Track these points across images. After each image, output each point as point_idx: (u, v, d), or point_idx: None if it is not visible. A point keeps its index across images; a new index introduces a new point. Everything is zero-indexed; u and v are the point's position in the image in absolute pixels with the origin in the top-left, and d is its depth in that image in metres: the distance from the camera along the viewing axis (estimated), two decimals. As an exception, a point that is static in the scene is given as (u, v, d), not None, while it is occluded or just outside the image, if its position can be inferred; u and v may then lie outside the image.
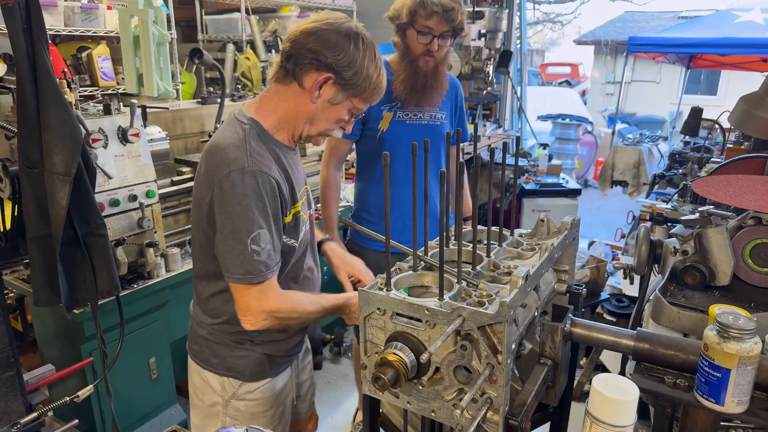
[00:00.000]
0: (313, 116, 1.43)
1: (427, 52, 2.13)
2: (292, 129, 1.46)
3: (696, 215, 1.58)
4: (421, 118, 2.29)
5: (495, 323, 0.90)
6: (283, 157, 1.44)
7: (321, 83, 1.37)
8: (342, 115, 1.44)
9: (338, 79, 1.36)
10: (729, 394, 0.96)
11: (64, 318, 2.11)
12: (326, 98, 1.39)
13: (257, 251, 1.31)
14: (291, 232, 1.45)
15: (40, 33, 1.52)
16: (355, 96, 1.40)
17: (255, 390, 1.58)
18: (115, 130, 2.20)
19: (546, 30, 22.44)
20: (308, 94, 1.38)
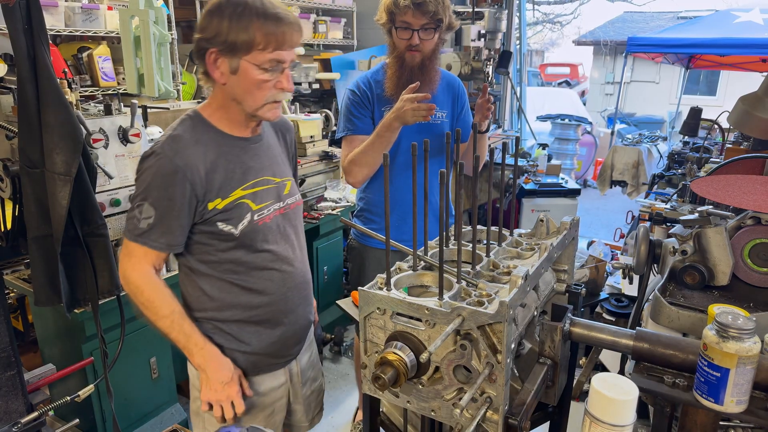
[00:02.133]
0: (234, 94, 1.43)
1: (410, 46, 2.13)
2: (233, 116, 1.48)
3: (695, 215, 1.59)
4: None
5: (494, 323, 0.90)
6: (224, 146, 1.47)
7: (213, 62, 1.39)
8: (255, 77, 1.38)
9: (219, 48, 1.37)
10: (728, 393, 0.96)
11: (65, 317, 2.12)
12: (227, 72, 1.39)
13: (137, 217, 1.40)
14: (226, 218, 1.45)
15: (41, 33, 1.53)
16: (247, 52, 1.36)
17: None
18: (116, 130, 2.21)
19: (545, 30, 22.44)
20: (215, 78, 1.42)
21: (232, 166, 1.47)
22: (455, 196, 1.08)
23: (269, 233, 1.54)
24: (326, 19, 4.93)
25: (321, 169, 3.70)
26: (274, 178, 1.57)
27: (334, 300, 2.87)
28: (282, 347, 1.62)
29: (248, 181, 1.50)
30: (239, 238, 1.48)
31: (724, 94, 13.14)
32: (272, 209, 1.55)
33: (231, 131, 1.50)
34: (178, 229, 1.42)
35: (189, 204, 1.41)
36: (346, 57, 4.90)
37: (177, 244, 1.45)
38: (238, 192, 1.47)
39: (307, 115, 3.76)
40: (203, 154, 1.42)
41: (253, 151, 1.53)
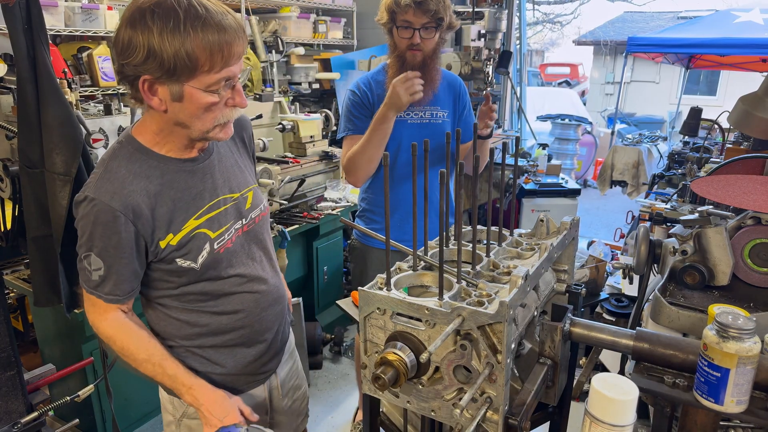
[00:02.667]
0: (179, 121, 1.23)
1: (411, 45, 2.13)
2: (177, 141, 1.29)
3: (695, 215, 1.59)
4: (422, 118, 2.28)
5: (494, 323, 0.90)
6: (168, 174, 1.29)
7: (147, 90, 1.17)
8: (203, 101, 1.18)
9: (155, 76, 1.14)
10: (728, 393, 0.96)
11: (65, 318, 2.12)
12: (168, 99, 1.18)
13: (87, 269, 1.27)
14: (183, 253, 1.31)
15: (41, 33, 1.53)
16: (190, 77, 1.15)
17: None
18: (116, 130, 2.21)
19: (545, 30, 22.46)
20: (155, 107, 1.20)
21: (180, 195, 1.30)
22: (455, 196, 1.08)
23: (233, 257, 1.40)
24: (326, 19, 4.93)
25: (321, 169, 3.71)
26: (232, 194, 1.41)
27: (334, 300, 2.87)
28: (259, 365, 1.53)
29: (201, 207, 1.33)
30: (201, 272, 1.34)
31: (724, 94, 13.15)
32: (233, 231, 1.40)
33: (174, 154, 1.31)
34: (133, 275, 1.30)
35: (138, 247, 1.27)
36: (346, 57, 4.90)
37: (132, 291, 1.33)
38: (191, 222, 1.31)
39: (307, 115, 3.77)
40: (144, 188, 1.25)
41: (202, 171, 1.35)
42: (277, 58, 4.23)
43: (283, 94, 4.07)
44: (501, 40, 4.29)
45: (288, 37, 4.55)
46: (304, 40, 4.76)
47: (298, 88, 4.66)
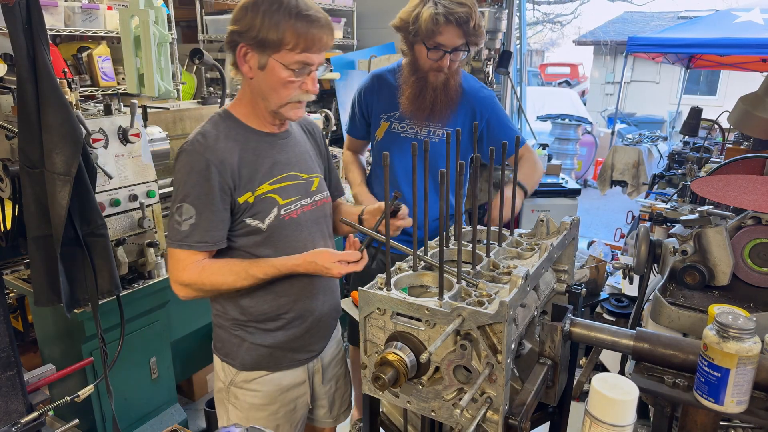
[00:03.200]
0: (260, 90, 1.44)
1: (437, 67, 1.97)
2: (260, 112, 1.50)
3: (695, 215, 1.58)
4: (417, 133, 2.14)
5: (494, 323, 0.90)
6: (252, 141, 1.49)
7: (242, 56, 1.40)
8: (282, 76, 1.39)
9: (250, 43, 1.37)
10: (728, 393, 0.96)
11: (65, 318, 2.11)
12: (256, 68, 1.41)
13: (178, 221, 1.41)
14: (254, 213, 1.47)
15: (41, 33, 1.52)
16: (276, 50, 1.37)
17: (252, 380, 1.59)
18: (116, 130, 2.20)
19: (546, 30, 22.46)
20: (244, 72, 1.43)
21: (260, 161, 1.49)
22: (455, 197, 1.08)
23: (297, 229, 1.55)
24: (326, 19, 4.92)
25: (321, 169, 3.70)
26: (302, 174, 1.58)
27: (334, 300, 2.86)
28: (306, 343, 1.63)
29: (275, 175, 1.51)
30: (266, 233, 1.49)
31: (725, 94, 13.15)
32: (299, 205, 1.56)
33: (259, 127, 1.52)
34: (220, 223, 1.43)
35: (224, 197, 1.42)
36: (346, 57, 4.90)
37: (221, 240, 1.45)
38: (266, 186, 1.48)
39: (307, 114, 3.76)
40: (232, 148, 1.44)
41: (280, 146, 1.55)
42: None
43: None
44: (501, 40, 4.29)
45: (288, 36, 4.54)
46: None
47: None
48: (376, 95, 2.19)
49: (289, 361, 1.62)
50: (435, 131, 2.15)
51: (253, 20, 1.35)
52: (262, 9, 1.35)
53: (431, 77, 2.01)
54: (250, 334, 1.57)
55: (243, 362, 1.58)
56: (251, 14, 1.36)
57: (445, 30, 1.87)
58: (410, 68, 2.05)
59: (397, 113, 2.15)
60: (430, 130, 2.15)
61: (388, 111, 2.15)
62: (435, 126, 2.14)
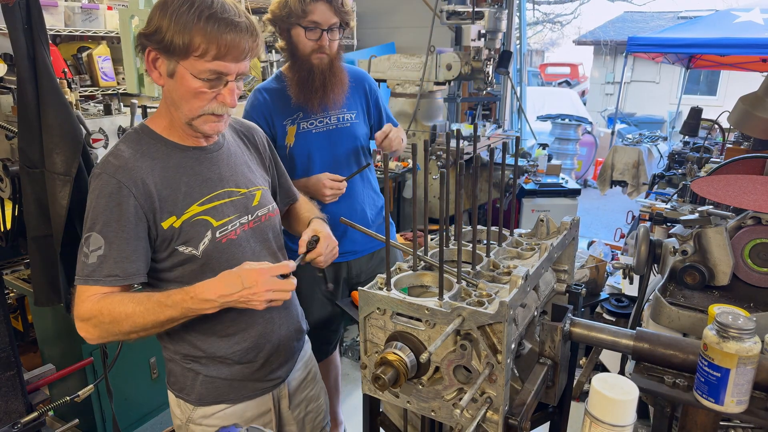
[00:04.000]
0: (171, 98, 1.29)
1: (318, 48, 1.98)
2: (177, 124, 1.34)
3: (695, 215, 1.58)
4: (327, 124, 2.12)
5: (494, 323, 0.90)
6: (175, 158, 1.33)
7: (151, 61, 1.27)
8: (192, 86, 1.23)
9: (157, 47, 1.23)
10: (728, 393, 0.96)
11: (65, 318, 2.12)
12: (165, 74, 1.26)
13: (85, 253, 1.24)
14: (184, 239, 1.31)
15: (41, 33, 1.52)
16: (183, 57, 1.21)
17: (212, 415, 1.46)
18: (116, 129, 2.21)
19: (546, 30, 22.46)
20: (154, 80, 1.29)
21: (186, 179, 1.33)
22: (455, 197, 1.08)
23: (237, 251, 1.38)
24: (326, 19, 4.92)
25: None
26: (239, 189, 1.42)
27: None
28: (267, 372, 1.50)
29: (206, 194, 1.35)
30: (202, 260, 1.33)
31: (725, 94, 13.15)
32: (238, 224, 1.39)
33: (181, 141, 1.35)
34: (134, 254, 1.25)
35: (140, 224, 1.26)
36: (346, 57, 4.90)
37: (135, 273, 1.26)
38: (194, 208, 1.32)
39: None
40: (150, 168, 1.28)
41: (210, 161, 1.38)
42: (277, 58, 4.23)
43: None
44: (501, 40, 4.29)
45: (288, 37, 4.54)
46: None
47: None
48: (269, 106, 2.08)
49: (250, 390, 1.48)
50: (343, 116, 2.15)
51: (160, 21, 1.20)
52: (171, 9, 1.19)
53: (314, 60, 2.00)
54: (204, 366, 1.42)
55: (200, 397, 1.44)
56: (160, 14, 1.21)
57: (314, 8, 1.91)
58: (292, 59, 2.05)
59: (300, 114, 2.09)
60: (339, 117, 2.14)
61: (289, 115, 2.09)
62: (340, 111, 2.14)
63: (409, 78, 4.05)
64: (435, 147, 3.91)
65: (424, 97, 4.03)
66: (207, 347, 1.41)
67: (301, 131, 2.09)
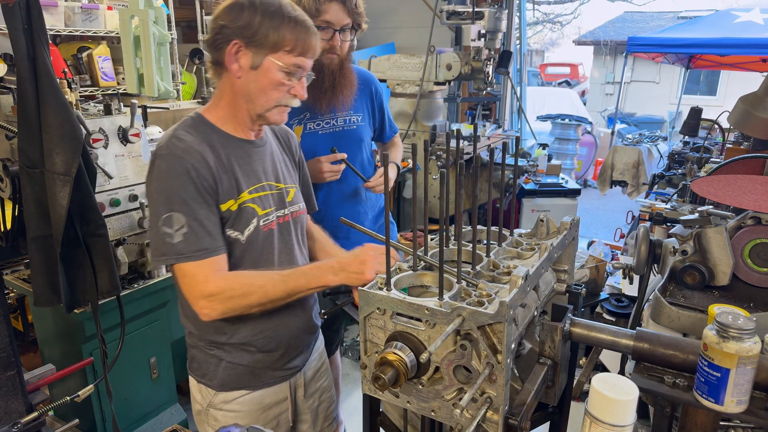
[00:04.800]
0: (248, 92, 1.39)
1: (329, 49, 1.97)
2: (240, 116, 1.43)
3: (695, 215, 1.58)
4: (334, 126, 2.13)
5: (494, 323, 0.90)
6: (229, 148, 1.42)
7: (234, 53, 1.34)
8: (275, 78, 1.36)
9: (245, 41, 1.33)
10: (728, 393, 0.96)
11: (65, 318, 2.12)
12: (247, 66, 1.35)
13: (169, 233, 1.30)
14: (233, 223, 1.40)
15: (41, 33, 1.52)
16: (274, 51, 1.34)
17: (232, 401, 1.52)
18: (116, 130, 2.21)
19: (545, 30, 22.46)
20: (231, 71, 1.37)
21: (238, 168, 1.42)
22: (455, 196, 1.08)
23: (272, 241, 1.48)
24: (326, 19, 4.91)
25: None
26: (278, 183, 1.53)
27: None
28: (285, 361, 1.57)
29: (253, 184, 1.45)
30: (245, 245, 1.42)
31: (725, 94, 13.15)
32: (275, 216, 1.50)
33: (234, 132, 1.45)
34: (214, 228, 1.35)
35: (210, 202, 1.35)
36: (346, 57, 4.89)
37: (221, 246, 1.36)
38: (245, 195, 1.42)
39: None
40: (209, 152, 1.37)
41: (256, 154, 1.49)
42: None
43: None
44: (501, 40, 4.29)
45: (288, 37, 4.53)
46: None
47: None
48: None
49: (269, 378, 1.55)
50: (349, 118, 2.15)
51: (251, 18, 1.32)
52: (261, 9, 1.33)
53: (325, 60, 2.00)
54: (227, 353, 1.49)
55: (222, 382, 1.50)
56: (249, 12, 1.32)
57: (328, 7, 1.92)
58: None
59: (307, 114, 2.09)
60: (346, 119, 2.15)
61: (296, 115, 2.08)
62: (347, 113, 2.15)
63: (409, 78, 4.05)
64: (435, 147, 3.91)
65: (424, 97, 4.03)
66: (233, 332, 1.47)
67: (307, 132, 2.09)
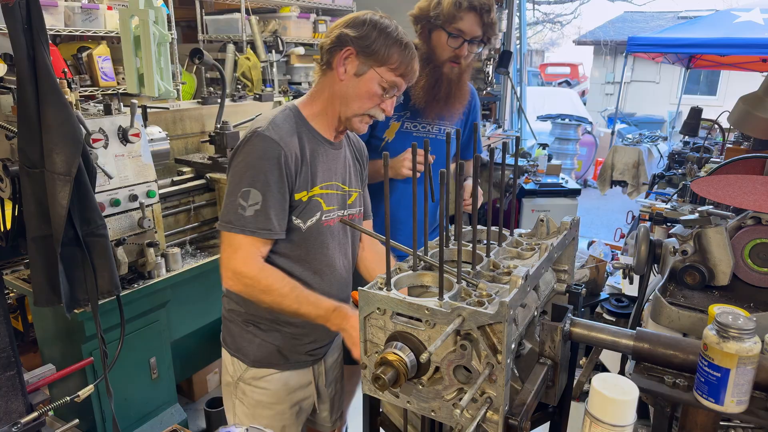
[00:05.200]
0: (345, 94, 1.49)
1: (454, 57, 1.96)
2: (331, 114, 1.54)
3: (695, 215, 1.58)
4: (428, 132, 2.12)
5: (495, 323, 0.90)
6: (314, 143, 1.52)
7: (344, 57, 1.47)
8: (373, 89, 1.47)
9: (358, 50, 1.45)
10: (728, 393, 0.96)
11: (65, 318, 2.11)
12: (352, 72, 1.47)
13: (243, 206, 1.40)
14: (300, 212, 1.50)
15: (41, 33, 1.52)
16: (380, 65, 1.46)
17: (261, 378, 1.61)
18: (116, 130, 2.21)
19: (546, 30, 22.44)
20: (336, 72, 1.48)
21: (317, 163, 1.53)
22: (455, 197, 1.08)
23: (329, 238, 1.58)
24: (326, 19, 4.92)
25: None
26: (344, 185, 1.63)
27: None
28: (313, 346, 1.66)
29: (324, 181, 1.55)
30: (304, 234, 1.52)
31: (725, 94, 13.15)
32: (336, 214, 1.60)
33: (320, 130, 1.55)
34: (282, 212, 1.45)
35: (287, 189, 1.45)
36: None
37: (282, 230, 1.46)
38: (316, 189, 1.53)
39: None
40: (297, 143, 1.48)
41: (333, 155, 1.59)
42: (277, 58, 4.22)
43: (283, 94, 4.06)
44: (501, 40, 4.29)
45: (288, 37, 4.54)
46: (304, 40, 4.75)
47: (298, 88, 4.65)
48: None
49: (295, 361, 1.64)
50: (444, 128, 2.14)
51: (370, 32, 1.45)
52: (380, 28, 1.46)
53: (446, 69, 1.99)
54: (263, 331, 1.59)
55: (255, 358, 1.61)
56: (370, 27, 1.46)
57: (466, 16, 1.91)
58: (424, 58, 2.02)
59: (408, 112, 2.10)
60: (441, 128, 2.14)
61: (398, 111, 2.07)
62: (444, 125, 2.14)
63: (409, 78, 4.04)
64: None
65: (424, 97, 4.02)
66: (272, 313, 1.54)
67: (403, 130, 2.09)
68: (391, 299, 0.98)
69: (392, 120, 2.10)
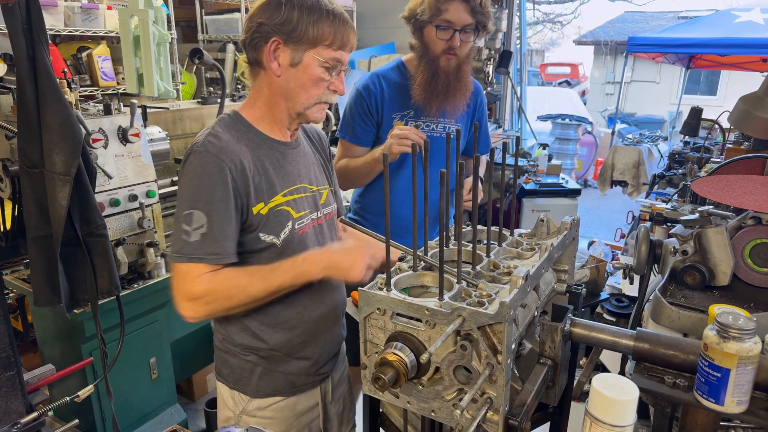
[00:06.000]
0: (287, 89, 1.37)
1: (448, 49, 1.94)
2: (278, 115, 1.42)
3: (696, 215, 1.58)
4: (433, 130, 2.11)
5: (495, 323, 0.90)
6: (265, 149, 1.40)
7: (272, 50, 1.33)
8: (316, 74, 1.35)
9: (284, 38, 1.32)
10: (729, 393, 0.96)
11: (65, 318, 2.11)
12: (287, 64, 1.34)
13: (187, 231, 1.27)
14: (266, 227, 1.37)
15: (41, 33, 1.52)
16: (313, 46, 1.33)
17: (267, 407, 1.50)
18: (116, 130, 2.21)
19: (546, 30, 22.45)
20: (270, 69, 1.36)
21: (272, 170, 1.40)
22: (456, 196, 1.08)
23: (308, 244, 1.46)
24: (326, 19, 4.91)
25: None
26: (311, 186, 1.51)
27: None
28: (318, 366, 1.56)
29: (287, 187, 1.43)
30: (281, 249, 1.39)
31: (725, 94, 13.15)
32: (310, 219, 1.48)
33: (270, 133, 1.43)
34: (232, 233, 1.31)
35: (237, 205, 1.32)
36: (346, 57, 4.89)
37: (233, 252, 1.32)
38: (279, 198, 1.40)
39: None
40: (245, 152, 1.35)
41: (291, 156, 1.47)
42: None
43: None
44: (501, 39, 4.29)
45: (288, 36, 4.53)
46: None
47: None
48: (384, 95, 2.08)
49: (303, 384, 1.54)
50: (450, 127, 2.13)
51: (289, 14, 1.30)
52: (298, 4, 1.31)
53: (442, 62, 1.97)
54: (263, 359, 1.47)
55: (257, 388, 1.48)
56: (287, 8, 1.31)
57: (450, 6, 1.88)
58: (420, 56, 2.01)
59: (411, 111, 2.08)
60: (446, 126, 2.12)
61: (401, 110, 2.06)
62: (449, 122, 2.12)
63: (409, 78, 4.04)
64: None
65: (424, 97, 4.02)
66: (269, 338, 1.45)
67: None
68: (391, 299, 0.98)
69: (396, 119, 2.09)
